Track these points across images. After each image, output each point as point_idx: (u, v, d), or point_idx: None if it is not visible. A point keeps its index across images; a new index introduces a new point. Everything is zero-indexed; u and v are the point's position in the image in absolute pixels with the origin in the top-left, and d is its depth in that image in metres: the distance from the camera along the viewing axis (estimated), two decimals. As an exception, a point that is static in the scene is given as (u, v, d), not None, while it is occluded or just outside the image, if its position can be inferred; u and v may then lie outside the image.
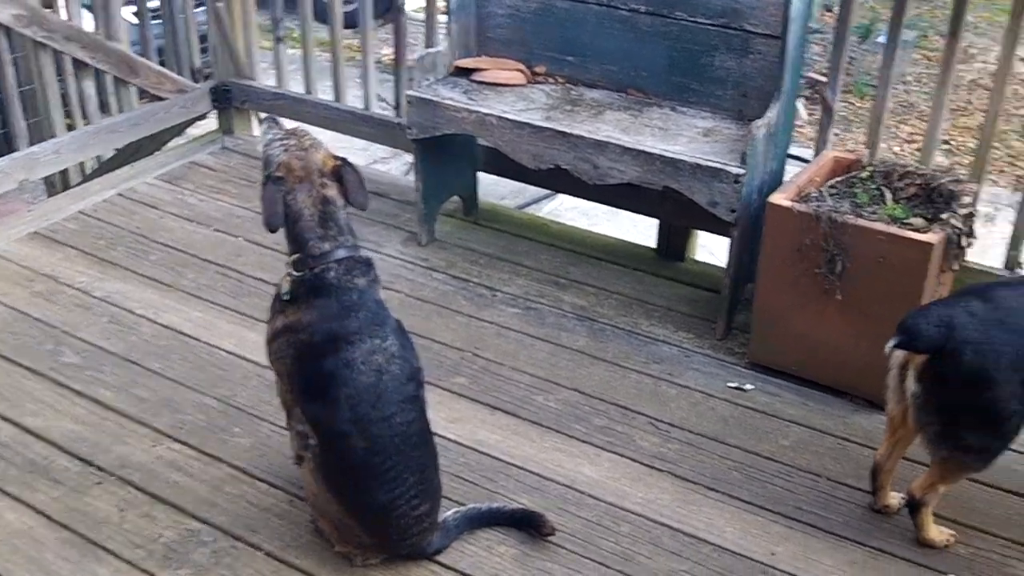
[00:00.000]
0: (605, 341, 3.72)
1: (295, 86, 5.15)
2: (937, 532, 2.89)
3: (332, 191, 2.60)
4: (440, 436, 2.89)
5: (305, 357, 2.56)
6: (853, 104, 8.66)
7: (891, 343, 2.65)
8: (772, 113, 3.52)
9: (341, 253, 2.58)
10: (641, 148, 3.56)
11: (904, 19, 3.76)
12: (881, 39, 9.55)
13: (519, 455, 3.15)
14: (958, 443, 2.70)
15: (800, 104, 8.21)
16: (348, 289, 2.56)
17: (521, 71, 4.09)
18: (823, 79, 8.57)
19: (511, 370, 3.54)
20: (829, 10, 10.38)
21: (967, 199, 3.39)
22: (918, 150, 7.74)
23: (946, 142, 7.96)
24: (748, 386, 3.51)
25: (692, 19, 3.79)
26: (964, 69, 9.62)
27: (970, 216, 3.37)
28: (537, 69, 4.13)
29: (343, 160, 2.65)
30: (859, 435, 3.25)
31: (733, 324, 3.78)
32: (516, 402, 3.39)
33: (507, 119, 3.76)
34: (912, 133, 8.29)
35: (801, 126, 8.04)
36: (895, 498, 2.97)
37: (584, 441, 3.23)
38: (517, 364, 3.57)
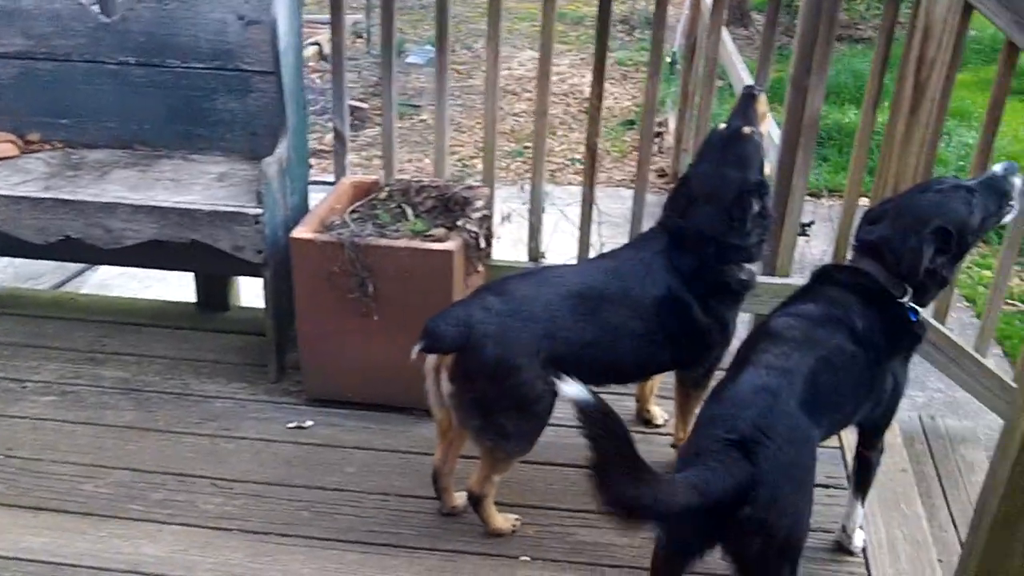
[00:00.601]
0: (154, 410, 3.56)
1: None
2: (503, 520, 3.00)
3: None
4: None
5: None
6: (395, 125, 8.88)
7: (416, 348, 2.71)
8: (282, 149, 3.51)
9: None
10: (153, 204, 3.43)
11: (427, 35, 3.86)
12: (412, 58, 9.91)
13: (72, 552, 2.91)
14: (499, 432, 2.80)
15: (341, 132, 8.34)
16: None
17: (12, 142, 3.81)
18: (362, 104, 8.78)
19: (52, 464, 3.27)
20: (359, 36, 10.61)
21: (480, 203, 3.55)
22: (460, 160, 8.12)
23: (482, 149, 8.36)
24: (308, 423, 3.48)
25: (185, 65, 3.70)
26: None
27: (485, 218, 3.53)
28: (30, 137, 3.87)
29: None
30: (421, 446, 3.31)
31: (286, 364, 3.74)
32: (61, 497, 3.13)
33: (1, 196, 3.50)
34: (452, 146, 8.61)
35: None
36: (461, 498, 3.04)
37: (143, 520, 3.05)
38: (58, 456, 3.31)
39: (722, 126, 3.01)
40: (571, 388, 2.09)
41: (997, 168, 2.72)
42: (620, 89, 10.04)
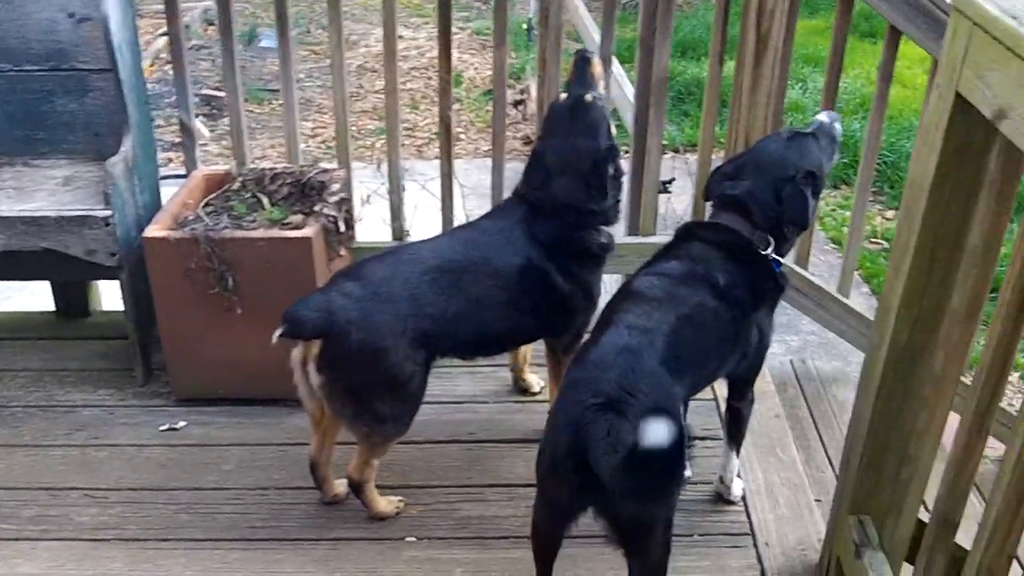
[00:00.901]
0: (19, 425, 3.44)
1: None
2: (386, 503, 2.99)
3: None
4: None
5: None
6: (254, 111, 8.72)
7: (276, 333, 2.67)
8: (126, 147, 3.41)
9: None
10: (-4, 214, 3.31)
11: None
12: (266, 43, 9.73)
13: (-60, 585, 2.82)
14: (374, 417, 2.79)
15: (199, 122, 8.17)
16: None
17: None
18: (218, 93, 8.60)
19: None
20: (212, 24, 10.38)
21: (337, 186, 3.51)
22: (323, 142, 8.02)
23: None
24: (181, 424, 3.42)
25: (18, 68, 3.57)
26: (351, 56, 10.03)
27: (343, 201, 3.49)
28: None
29: None
30: (297, 437, 3.25)
31: (152, 366, 3.65)
32: (-73, 522, 3.03)
33: None
34: (315, 128, 8.51)
35: (204, 144, 7.99)
36: (341, 486, 3.02)
37: (16, 539, 2.96)
38: (-81, 487, 3.19)
39: (563, 96, 3.02)
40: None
41: (823, 117, 2.80)
42: (480, 59, 10.00)
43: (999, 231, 2.07)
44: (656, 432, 2.02)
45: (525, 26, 9.91)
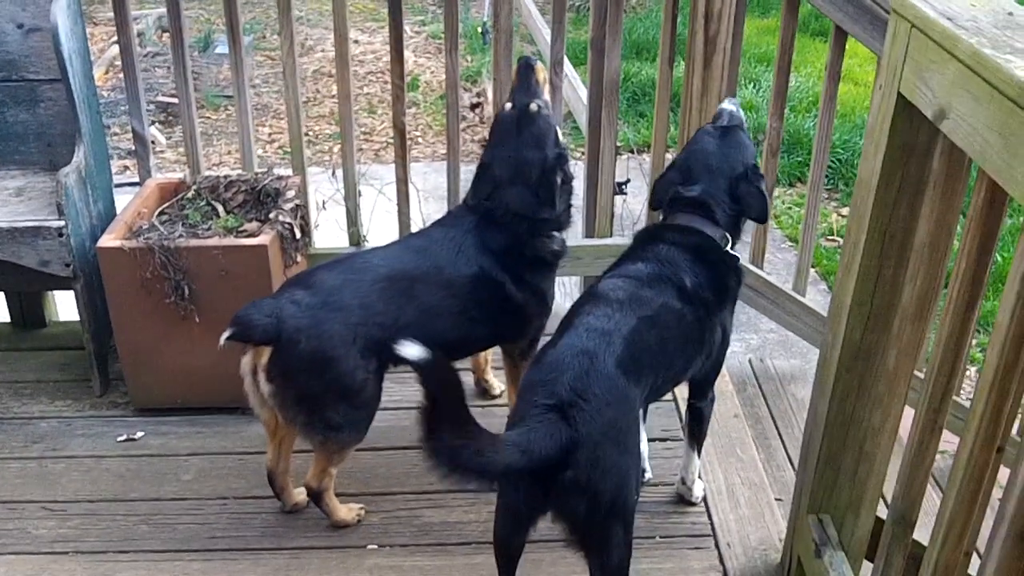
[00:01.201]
0: (-26, 439, 3.41)
1: None
2: (346, 511, 2.99)
3: None
4: None
5: None
6: (211, 118, 8.68)
7: (224, 335, 2.66)
8: (79, 156, 3.39)
9: None
10: (-53, 226, 3.28)
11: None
12: (220, 49, 9.67)
13: None
14: (328, 424, 2.78)
15: (155, 129, 8.12)
16: None
17: None
18: (173, 100, 8.55)
19: None
20: (166, 31, 10.31)
21: (291, 193, 3.50)
22: (280, 148, 7.99)
23: (305, 134, 8.25)
24: (139, 434, 3.40)
25: (-34, 79, 3.54)
26: (307, 61, 10.00)
27: (298, 208, 3.48)
28: None
29: None
30: (257, 445, 3.24)
31: (111, 376, 3.62)
32: None
33: None
34: (272, 134, 8.48)
35: (161, 151, 7.94)
36: (301, 494, 3.01)
37: (-27, 553, 2.93)
38: None
39: (508, 105, 3.03)
40: (410, 349, 2.11)
41: (730, 105, 2.86)
42: (436, 63, 9.99)
43: (946, 229, 2.10)
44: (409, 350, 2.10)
45: (480, 29, 9.92)
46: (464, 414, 2.12)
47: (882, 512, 2.40)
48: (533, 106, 2.96)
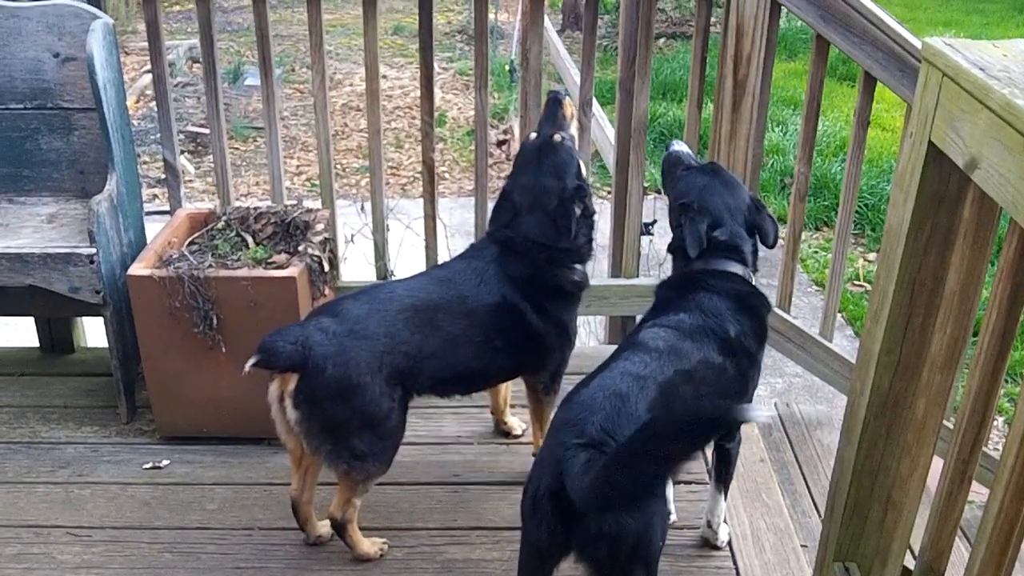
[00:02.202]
0: (2, 462, 3.42)
1: None
2: (369, 544, 2.98)
3: None
4: None
5: None
6: (239, 148, 8.77)
7: (250, 361, 2.67)
8: (111, 185, 3.42)
9: None
10: (-20, 251, 3.32)
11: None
12: (250, 81, 9.78)
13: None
14: (352, 453, 2.78)
15: (184, 159, 8.19)
16: None
17: None
18: (204, 130, 8.64)
19: None
20: (197, 61, 10.42)
21: (321, 226, 3.53)
22: (308, 180, 8.05)
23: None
24: (164, 462, 3.41)
25: (4, 107, 3.60)
26: (335, 95, 10.10)
27: (327, 241, 3.51)
28: None
29: None
30: (282, 476, 3.24)
31: (138, 403, 3.64)
32: (-94, 560, 3.00)
33: None
34: (299, 166, 8.56)
35: (190, 180, 8.01)
36: (325, 526, 3.01)
37: (-3, 577, 2.95)
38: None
39: (532, 135, 3.06)
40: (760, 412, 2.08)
41: (678, 147, 2.98)
42: (464, 99, 10.09)
43: (976, 278, 2.10)
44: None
45: (508, 67, 10.00)
46: None
47: (909, 562, 2.38)
48: (557, 136, 2.99)
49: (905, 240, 2.09)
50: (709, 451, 3.05)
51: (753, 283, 2.72)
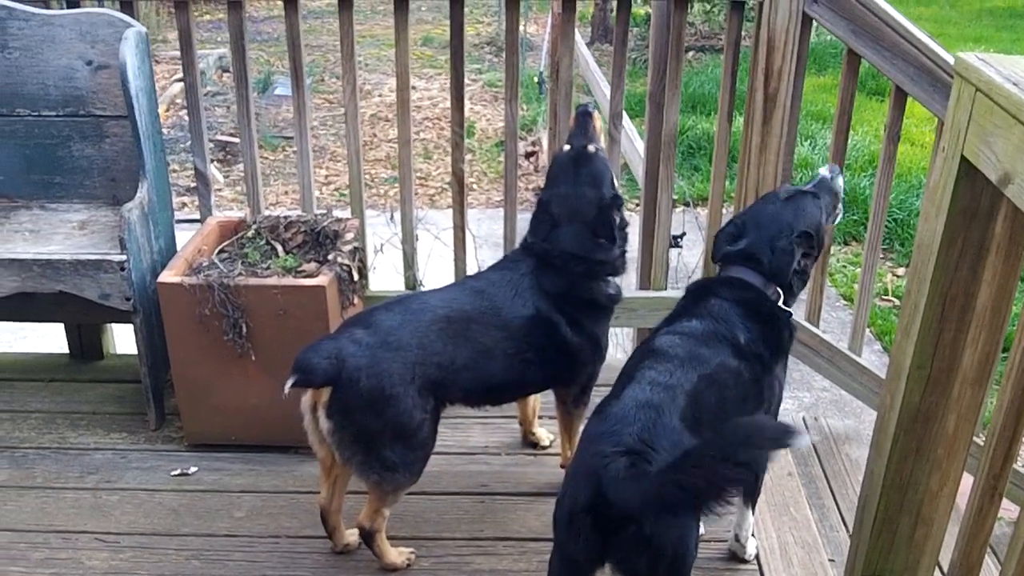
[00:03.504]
0: (31, 467, 3.45)
1: None
2: (396, 554, 2.98)
3: None
4: None
5: None
6: (268, 158, 8.82)
7: (288, 383, 2.67)
8: (142, 192, 3.45)
9: None
10: (12, 256, 3.35)
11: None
12: (279, 90, 9.84)
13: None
14: (384, 464, 2.78)
15: (213, 168, 8.25)
16: None
17: None
18: (233, 139, 8.69)
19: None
20: (226, 70, 10.50)
21: (350, 235, 3.54)
22: (336, 190, 8.08)
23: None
24: (192, 469, 3.42)
25: (37, 114, 3.63)
26: (364, 105, 10.15)
27: (357, 251, 3.52)
28: None
29: None
30: (310, 485, 3.26)
31: (166, 410, 3.66)
32: (-63, 564, 3.03)
33: None
34: (328, 176, 8.59)
35: (219, 189, 8.06)
36: (353, 535, 3.02)
37: (25, 582, 2.96)
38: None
39: (566, 147, 3.06)
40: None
41: (824, 171, 2.84)
42: (492, 111, 10.12)
43: (1008, 293, 2.09)
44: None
45: (536, 79, 10.02)
46: None
47: (937, 578, 2.37)
48: (591, 147, 3.00)
49: (937, 255, 2.09)
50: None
51: (769, 293, 2.70)
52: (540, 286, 2.97)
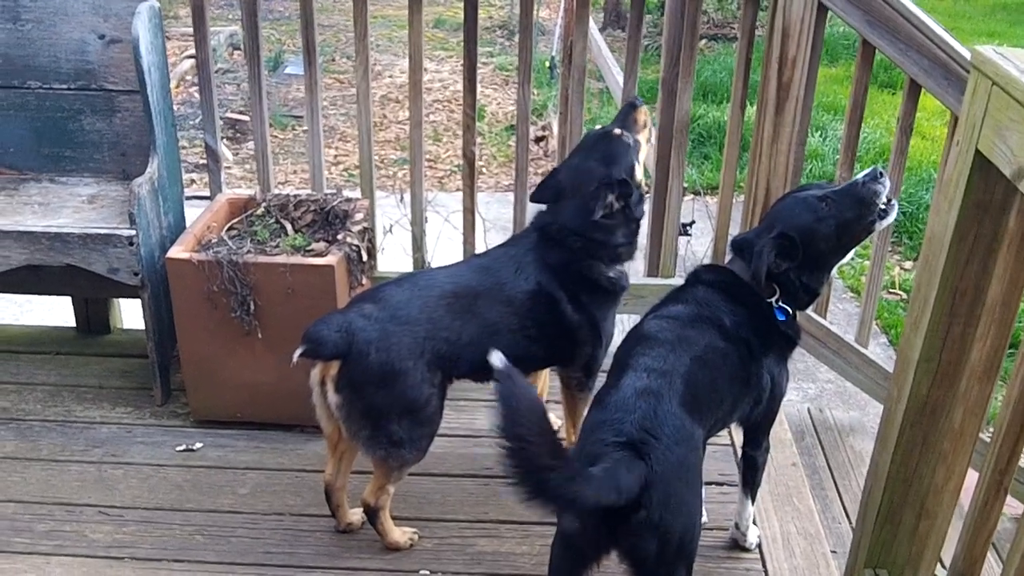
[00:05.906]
0: (36, 439, 3.46)
1: None
2: (400, 533, 2.99)
3: None
4: None
5: None
6: (278, 136, 8.80)
7: (297, 353, 2.68)
8: (152, 168, 3.45)
9: None
10: (22, 229, 3.35)
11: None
12: (290, 69, 9.82)
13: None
14: (391, 440, 2.79)
15: (223, 145, 8.24)
16: None
17: None
18: (243, 117, 8.69)
19: (-75, 507, 3.16)
20: (237, 48, 10.47)
21: (360, 215, 3.54)
22: (346, 170, 8.08)
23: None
24: (198, 445, 3.43)
25: (48, 87, 3.63)
26: (374, 86, 10.10)
27: (366, 231, 3.52)
28: None
29: None
30: (314, 463, 3.27)
31: (172, 386, 3.67)
32: (-58, 533, 3.03)
33: None
34: (337, 156, 8.58)
35: (228, 167, 8.05)
36: (356, 514, 3.03)
37: (29, 553, 2.96)
38: (-68, 496, 3.20)
39: (599, 127, 3.08)
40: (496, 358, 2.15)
41: (859, 176, 2.77)
42: (502, 95, 10.09)
43: (1018, 288, 2.08)
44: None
45: (548, 64, 9.99)
46: (550, 436, 2.09)
47: (939, 573, 2.37)
48: (616, 130, 3.00)
49: (948, 248, 2.08)
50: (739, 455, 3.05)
51: (754, 285, 2.65)
52: (542, 260, 2.97)
